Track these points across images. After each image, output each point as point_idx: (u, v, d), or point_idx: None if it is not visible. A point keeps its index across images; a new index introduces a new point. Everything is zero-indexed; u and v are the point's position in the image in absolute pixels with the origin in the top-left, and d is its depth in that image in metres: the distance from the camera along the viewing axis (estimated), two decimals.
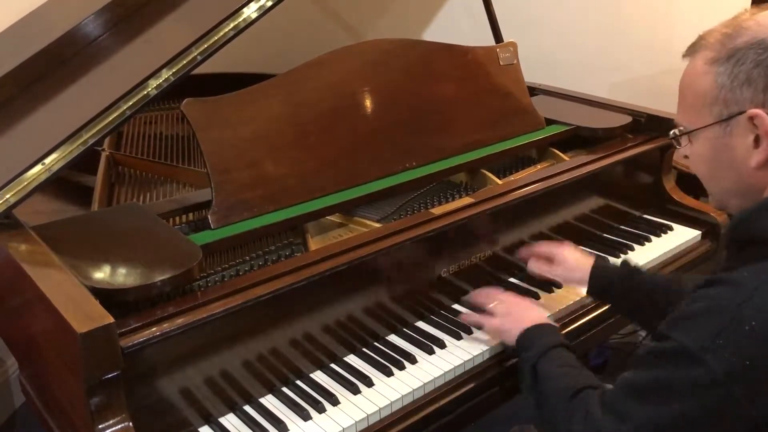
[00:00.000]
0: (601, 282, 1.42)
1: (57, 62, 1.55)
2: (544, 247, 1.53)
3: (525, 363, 1.22)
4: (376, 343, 1.39)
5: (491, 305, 1.39)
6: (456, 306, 1.51)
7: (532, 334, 1.27)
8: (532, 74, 2.04)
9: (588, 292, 1.45)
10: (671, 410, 0.92)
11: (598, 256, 1.49)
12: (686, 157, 1.08)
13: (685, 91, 1.03)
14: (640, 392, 0.97)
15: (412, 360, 1.34)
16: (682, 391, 0.91)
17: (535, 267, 1.50)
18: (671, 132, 1.08)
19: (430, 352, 1.37)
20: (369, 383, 1.28)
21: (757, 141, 0.95)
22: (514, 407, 1.43)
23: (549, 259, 1.50)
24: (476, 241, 1.52)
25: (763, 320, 0.87)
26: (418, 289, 1.44)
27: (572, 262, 1.46)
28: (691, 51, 1.02)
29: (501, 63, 1.86)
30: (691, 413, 0.91)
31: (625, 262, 1.44)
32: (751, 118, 0.94)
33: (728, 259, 1.03)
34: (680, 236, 1.82)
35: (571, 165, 1.72)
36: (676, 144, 1.07)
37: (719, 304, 0.90)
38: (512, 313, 1.34)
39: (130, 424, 1.05)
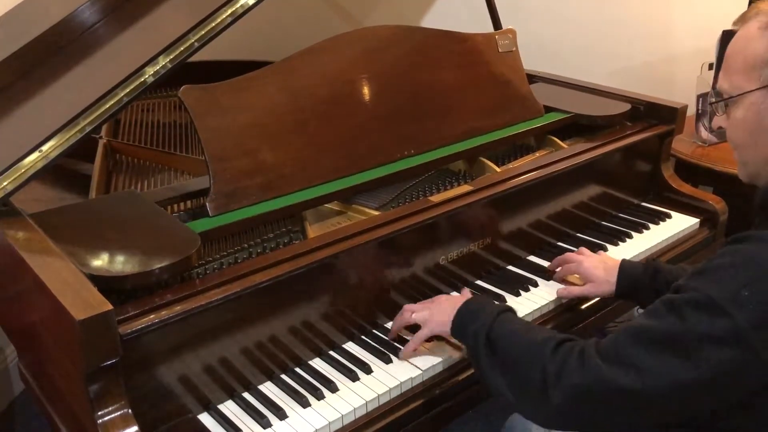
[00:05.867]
0: (629, 286, 1.40)
1: (53, 49, 1.54)
2: (566, 265, 1.50)
3: (474, 338, 1.13)
4: (375, 331, 1.40)
5: (413, 316, 1.31)
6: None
7: (471, 308, 1.20)
8: (531, 62, 2.03)
9: (615, 295, 1.42)
10: (690, 362, 0.90)
11: (623, 261, 1.44)
12: (720, 128, 1.08)
13: (735, 56, 1.03)
14: (654, 341, 0.93)
15: None
16: (704, 342, 0.89)
17: (565, 292, 1.47)
18: (711, 98, 1.08)
19: (429, 339, 1.36)
20: (368, 370, 1.29)
21: None
22: None
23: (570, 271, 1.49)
24: (475, 229, 1.52)
25: None
26: (416, 277, 1.44)
27: (599, 275, 1.43)
28: (744, 19, 1.04)
29: (500, 50, 1.85)
30: (712, 365, 0.89)
31: (648, 262, 1.41)
32: None
33: (757, 225, 1.02)
34: (678, 224, 1.82)
35: (569, 153, 1.72)
36: (716, 111, 1.07)
37: (745, 258, 0.91)
38: (433, 309, 1.28)
39: (129, 410, 1.05)
